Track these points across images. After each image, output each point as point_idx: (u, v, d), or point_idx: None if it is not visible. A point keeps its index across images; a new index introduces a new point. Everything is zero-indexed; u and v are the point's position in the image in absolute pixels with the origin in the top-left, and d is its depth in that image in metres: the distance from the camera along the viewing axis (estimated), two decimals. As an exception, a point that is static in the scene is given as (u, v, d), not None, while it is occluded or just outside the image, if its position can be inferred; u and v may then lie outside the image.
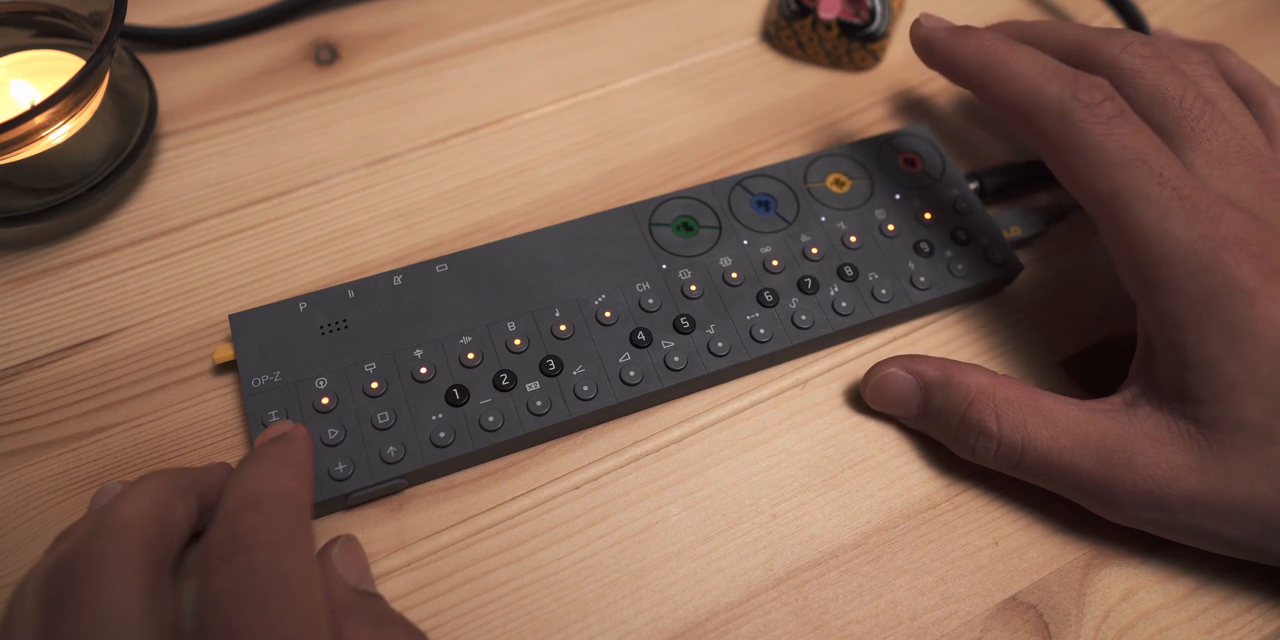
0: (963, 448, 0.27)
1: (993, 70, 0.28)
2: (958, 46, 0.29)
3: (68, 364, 0.29)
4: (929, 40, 0.30)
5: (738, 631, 0.26)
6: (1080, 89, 0.26)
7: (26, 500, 0.27)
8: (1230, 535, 0.24)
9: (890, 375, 0.28)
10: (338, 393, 0.27)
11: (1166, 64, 0.27)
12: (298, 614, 0.19)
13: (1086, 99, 0.25)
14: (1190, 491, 0.23)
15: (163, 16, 0.37)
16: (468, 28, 0.38)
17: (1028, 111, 0.27)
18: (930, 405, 0.27)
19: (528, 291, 0.29)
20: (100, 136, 0.31)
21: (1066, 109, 0.26)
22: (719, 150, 0.36)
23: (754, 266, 0.30)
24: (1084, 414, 0.25)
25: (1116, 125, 0.25)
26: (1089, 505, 0.26)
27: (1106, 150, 0.25)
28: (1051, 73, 0.26)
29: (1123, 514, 0.25)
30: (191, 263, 0.32)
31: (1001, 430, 0.26)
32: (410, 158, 0.35)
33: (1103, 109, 0.25)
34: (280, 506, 0.21)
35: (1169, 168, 0.24)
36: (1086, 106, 0.25)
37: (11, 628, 0.19)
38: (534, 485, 0.28)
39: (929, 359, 0.28)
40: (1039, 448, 0.25)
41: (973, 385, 0.26)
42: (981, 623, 0.26)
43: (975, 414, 0.26)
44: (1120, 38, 0.27)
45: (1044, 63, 0.27)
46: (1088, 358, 0.31)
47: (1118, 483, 0.24)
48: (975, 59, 0.28)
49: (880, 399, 0.29)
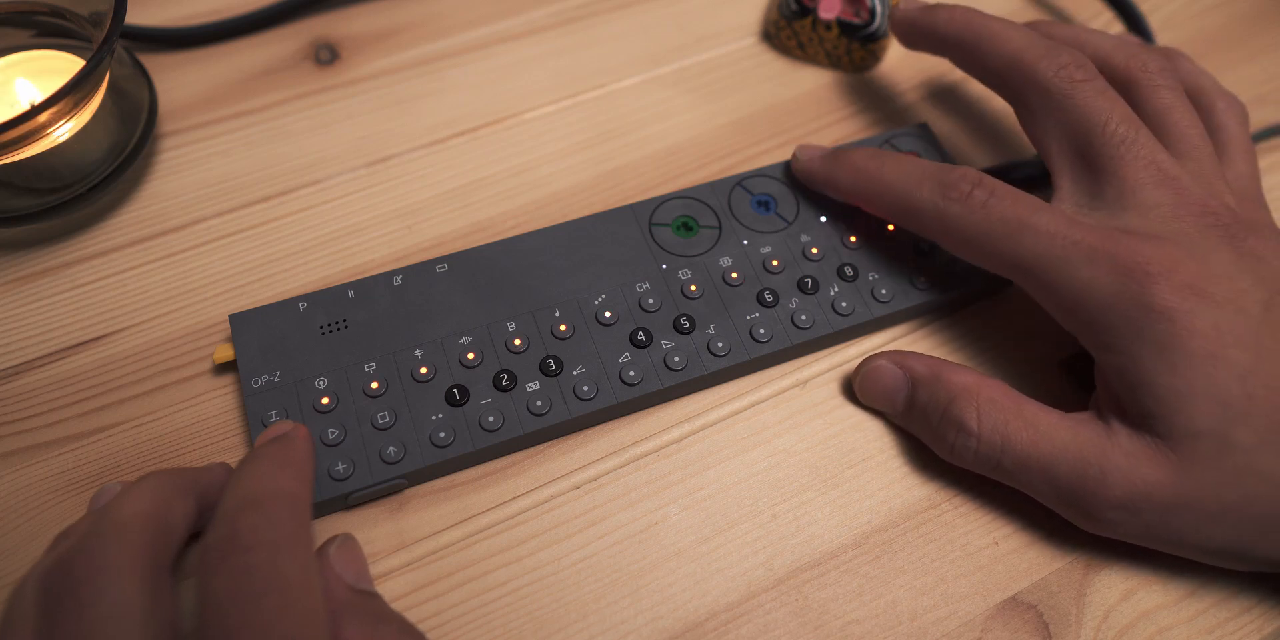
0: (943, 446, 0.27)
1: (869, 188, 0.29)
2: (833, 178, 0.31)
3: (68, 364, 0.29)
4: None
5: (738, 631, 0.26)
6: (947, 188, 0.27)
7: (26, 500, 0.27)
8: (1207, 544, 0.24)
9: (879, 367, 0.29)
10: (338, 393, 0.27)
11: (1097, 87, 0.28)
12: (296, 613, 0.19)
13: (955, 195, 0.27)
14: (1164, 503, 0.24)
15: (163, 16, 0.37)
16: (468, 28, 0.38)
17: (910, 220, 0.29)
18: (915, 401, 0.28)
19: (528, 291, 0.29)
20: (100, 136, 0.31)
21: (940, 209, 0.27)
22: (719, 150, 0.36)
23: (754, 266, 0.30)
24: (1065, 422, 0.25)
25: (992, 206, 0.27)
26: (1067, 514, 0.26)
27: (989, 231, 0.26)
28: (917, 180, 0.28)
29: (1100, 525, 0.25)
30: (191, 263, 0.32)
31: (982, 429, 0.26)
32: (410, 158, 0.35)
33: (973, 198, 0.27)
34: (279, 506, 0.21)
35: (1052, 222, 0.26)
36: (958, 201, 0.27)
37: (10, 627, 0.19)
38: (534, 485, 0.28)
39: (920, 356, 0.28)
40: (1018, 450, 0.25)
41: (958, 383, 0.27)
42: (981, 623, 0.26)
43: (956, 410, 0.26)
44: (1056, 57, 0.28)
45: (911, 171, 0.29)
46: (1086, 358, 0.31)
47: (1094, 493, 0.24)
48: (852, 180, 0.30)
49: (868, 392, 0.29)
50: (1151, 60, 0.29)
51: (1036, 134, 0.29)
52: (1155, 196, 0.26)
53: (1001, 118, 0.37)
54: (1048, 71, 0.28)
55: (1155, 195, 0.26)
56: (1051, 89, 0.28)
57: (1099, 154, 0.27)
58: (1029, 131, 0.29)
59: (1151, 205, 0.26)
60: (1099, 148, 0.27)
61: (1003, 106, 0.37)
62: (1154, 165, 0.26)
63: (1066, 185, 0.28)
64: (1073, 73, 0.28)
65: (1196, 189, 0.26)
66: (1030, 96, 0.29)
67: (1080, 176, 0.28)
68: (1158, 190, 0.26)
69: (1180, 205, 0.26)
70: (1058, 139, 0.28)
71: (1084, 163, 0.27)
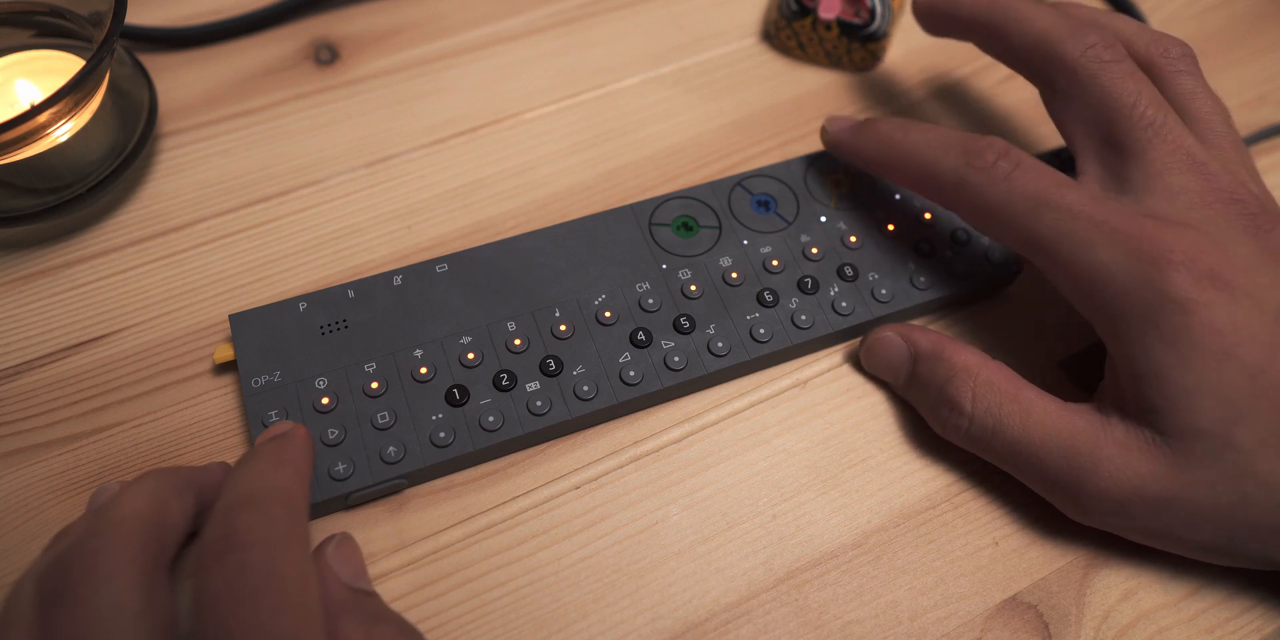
0: (936, 421, 0.27)
1: (893, 156, 0.29)
2: (860, 147, 0.30)
3: (68, 364, 0.29)
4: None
5: (738, 631, 0.26)
6: (971, 157, 0.27)
7: (26, 500, 0.27)
8: (1196, 540, 0.24)
9: (885, 338, 0.29)
10: (338, 393, 0.27)
11: (1125, 68, 0.27)
12: (292, 612, 0.19)
13: (979, 164, 0.27)
14: (1155, 498, 0.24)
15: (163, 16, 0.37)
16: (468, 28, 0.38)
17: (932, 188, 0.28)
18: (915, 374, 0.28)
19: (528, 291, 0.29)
20: (100, 136, 0.31)
21: (963, 177, 0.27)
22: (719, 150, 0.36)
23: (754, 266, 0.30)
24: (1060, 411, 0.25)
25: (1015, 178, 0.26)
26: (1058, 504, 0.26)
27: (1011, 203, 0.26)
28: (942, 148, 0.28)
29: (1089, 516, 0.25)
30: (191, 263, 0.32)
31: (975, 410, 0.26)
32: (410, 158, 0.35)
33: (997, 168, 0.26)
34: (275, 504, 0.21)
35: (1076, 200, 0.25)
36: (981, 170, 0.27)
37: (7, 626, 0.19)
38: (534, 485, 0.28)
39: (926, 331, 0.28)
40: (1009, 435, 0.25)
41: (959, 362, 0.27)
42: (981, 623, 0.26)
43: (953, 389, 0.26)
44: (1083, 37, 0.27)
45: (935, 139, 0.28)
46: (1086, 358, 0.31)
47: (1083, 485, 0.24)
48: (877, 148, 0.30)
49: (872, 361, 0.29)
50: (1173, 46, 0.28)
51: (1062, 116, 0.28)
52: (1182, 182, 0.25)
53: (1002, 117, 0.37)
54: (1074, 52, 0.27)
55: (1182, 181, 0.25)
56: (1078, 70, 0.27)
57: (1126, 137, 0.26)
58: (1054, 114, 0.29)
59: (1178, 191, 0.25)
60: (1126, 131, 0.26)
61: (1003, 106, 0.37)
62: (1182, 150, 0.26)
63: (1091, 169, 0.27)
64: (1100, 53, 0.27)
65: (1224, 176, 0.25)
66: (1056, 77, 0.28)
67: (1105, 160, 0.27)
68: (1185, 176, 0.25)
69: (1208, 192, 0.25)
70: (1084, 121, 0.27)
71: (1110, 146, 0.27)
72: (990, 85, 0.38)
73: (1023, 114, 0.37)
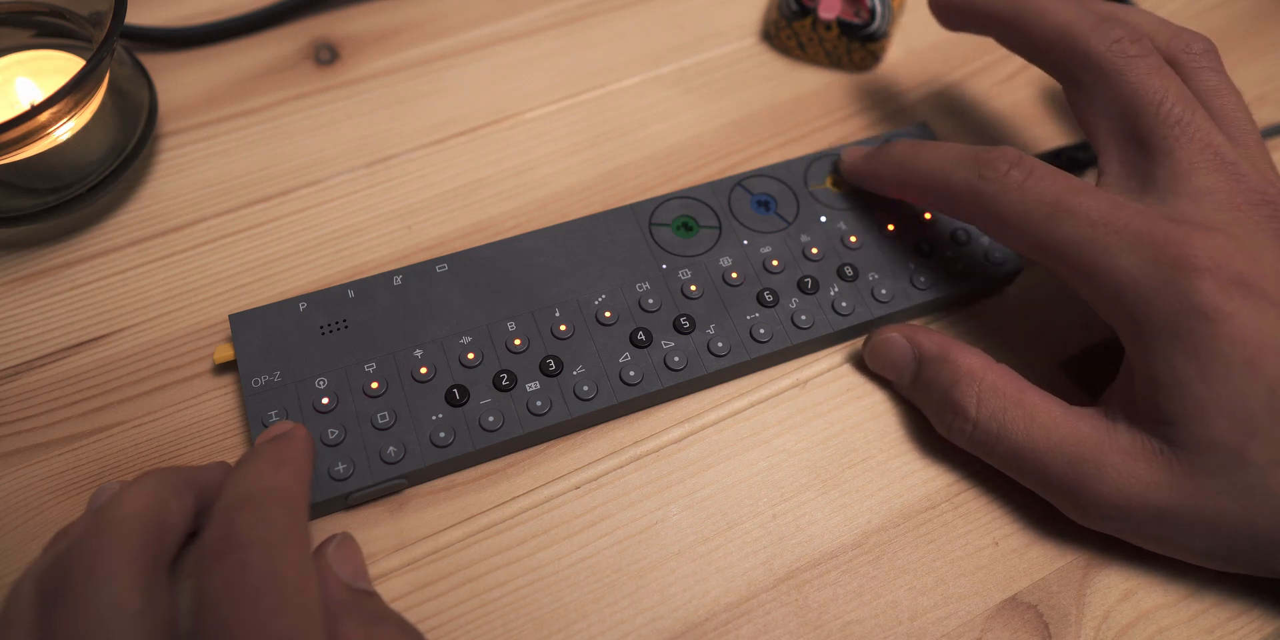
0: (941, 424, 0.27)
1: (907, 177, 0.29)
2: (876, 172, 0.30)
3: (68, 364, 0.29)
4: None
5: (738, 631, 0.26)
6: (984, 167, 0.26)
7: (26, 500, 0.27)
8: (1198, 547, 0.24)
9: (889, 339, 0.29)
10: (338, 393, 0.27)
11: (1152, 63, 0.26)
12: (292, 611, 0.19)
13: (992, 174, 0.26)
14: (1158, 506, 0.23)
15: (163, 16, 0.37)
16: (468, 28, 0.38)
17: (949, 204, 0.28)
18: (920, 377, 0.28)
19: (528, 291, 0.29)
20: (100, 136, 0.31)
21: (976, 189, 0.26)
22: (719, 150, 0.36)
23: (754, 266, 0.30)
24: (1065, 416, 0.25)
25: (1029, 187, 0.25)
26: (1061, 507, 0.26)
27: (1026, 212, 0.25)
28: (954, 162, 0.27)
29: (1090, 520, 0.25)
30: (191, 263, 0.32)
31: (979, 415, 0.26)
32: (410, 158, 0.35)
33: (1010, 178, 0.26)
34: (275, 504, 0.20)
35: (1094, 205, 0.24)
36: (994, 180, 0.26)
37: (7, 626, 0.19)
38: (534, 485, 0.28)
39: (931, 332, 0.28)
40: (1013, 440, 0.25)
41: (964, 365, 0.27)
42: (981, 623, 0.26)
43: (957, 394, 0.26)
44: (1108, 31, 0.27)
45: (946, 154, 0.28)
46: (1087, 359, 0.31)
47: (1086, 490, 0.24)
48: (892, 171, 0.29)
49: (877, 361, 0.29)
50: (1195, 41, 0.28)
51: (1085, 112, 0.27)
52: (1210, 182, 0.24)
53: (1001, 118, 0.37)
54: (1099, 46, 0.26)
55: (1210, 181, 0.24)
56: (1103, 64, 0.26)
57: (1151, 135, 0.25)
58: (1076, 110, 0.28)
59: (1206, 191, 0.24)
60: (1152, 128, 0.25)
61: (1003, 107, 0.37)
62: (1210, 149, 0.25)
63: (1114, 168, 0.26)
64: (1126, 48, 0.26)
65: (1254, 176, 0.25)
66: (1080, 72, 0.27)
67: (1130, 159, 0.26)
68: (1213, 175, 0.24)
69: (1237, 193, 0.24)
70: (1108, 117, 0.26)
71: (1135, 144, 0.26)
72: (990, 85, 0.38)
73: (1022, 114, 0.37)
